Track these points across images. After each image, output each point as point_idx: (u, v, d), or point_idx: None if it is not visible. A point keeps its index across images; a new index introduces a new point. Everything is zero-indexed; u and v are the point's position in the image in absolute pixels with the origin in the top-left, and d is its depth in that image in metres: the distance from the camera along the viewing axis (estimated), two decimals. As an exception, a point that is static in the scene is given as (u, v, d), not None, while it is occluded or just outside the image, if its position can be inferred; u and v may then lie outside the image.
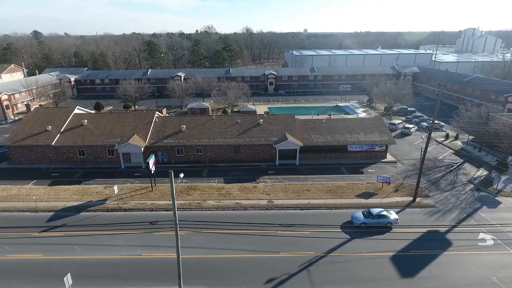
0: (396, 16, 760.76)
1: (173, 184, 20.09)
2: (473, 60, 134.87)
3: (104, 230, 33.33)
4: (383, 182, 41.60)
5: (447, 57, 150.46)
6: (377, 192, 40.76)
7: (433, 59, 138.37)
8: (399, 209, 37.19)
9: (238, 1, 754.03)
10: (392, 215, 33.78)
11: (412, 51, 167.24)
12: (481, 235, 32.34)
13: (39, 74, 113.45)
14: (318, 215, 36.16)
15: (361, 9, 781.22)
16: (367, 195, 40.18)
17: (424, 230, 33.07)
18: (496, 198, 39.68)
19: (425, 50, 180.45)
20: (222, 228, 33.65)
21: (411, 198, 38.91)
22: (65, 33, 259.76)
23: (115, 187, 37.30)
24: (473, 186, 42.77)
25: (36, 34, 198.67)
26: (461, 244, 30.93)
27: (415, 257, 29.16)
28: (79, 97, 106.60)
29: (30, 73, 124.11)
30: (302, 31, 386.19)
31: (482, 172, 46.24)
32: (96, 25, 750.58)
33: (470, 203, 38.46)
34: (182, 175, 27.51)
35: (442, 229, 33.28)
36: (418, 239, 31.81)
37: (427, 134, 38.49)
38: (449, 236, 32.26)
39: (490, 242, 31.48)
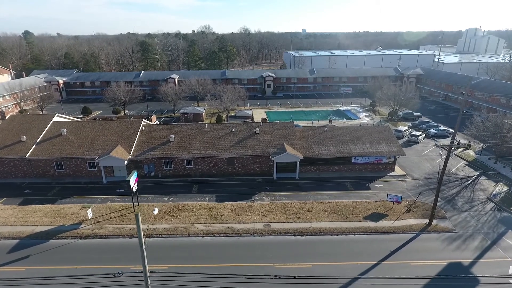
0: (395, 16, 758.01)
1: (141, 233, 15.50)
2: (477, 61, 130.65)
3: (73, 264, 28.68)
4: (393, 201, 37.08)
5: (449, 58, 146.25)
6: (387, 213, 36.24)
7: (436, 60, 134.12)
8: (414, 234, 32.70)
9: (238, 1, 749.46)
10: None
11: (414, 51, 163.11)
12: (512, 269, 27.89)
13: (27, 76, 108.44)
14: (321, 243, 31.62)
15: (360, 9, 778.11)
16: (376, 216, 35.65)
17: (443, 262, 28.63)
18: (521, 220, 35.26)
19: (426, 51, 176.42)
20: (211, 260, 29.14)
21: (427, 221, 34.40)
22: (58, 33, 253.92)
23: (89, 211, 32.64)
24: (493, 204, 38.32)
25: (26, 34, 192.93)
26: (490, 281, 26.43)
27: (437, 300, 24.70)
28: (68, 101, 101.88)
29: (18, 75, 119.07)
30: (301, 31, 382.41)
31: (501, 188, 41.80)
32: (95, 25, 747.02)
33: (493, 227, 33.99)
34: (156, 210, 22.93)
35: (465, 261, 28.81)
36: (439, 273, 27.31)
37: (442, 147, 34.13)
38: (475, 270, 27.74)
39: (523, 278, 27.03)
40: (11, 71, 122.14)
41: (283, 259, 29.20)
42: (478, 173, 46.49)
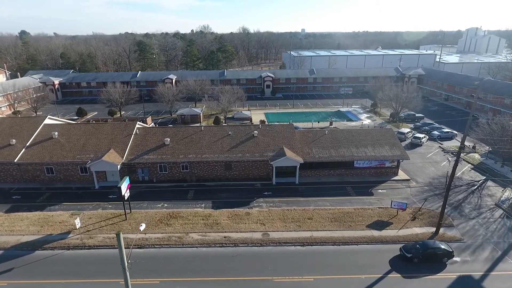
0: (394, 15, 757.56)
1: (124, 254, 13.80)
2: (478, 61, 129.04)
3: (59, 277, 26.97)
4: (398, 208, 35.37)
5: (451, 57, 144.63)
6: (392, 221, 34.55)
7: (437, 60, 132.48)
8: (420, 244, 30.97)
9: (237, 1, 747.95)
10: None
11: (415, 51, 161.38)
12: (525, 283, 26.23)
13: (22, 76, 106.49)
14: (323, 254, 29.93)
15: (360, 9, 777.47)
16: (380, 224, 33.95)
17: (453, 276, 26.95)
18: (532, 228, 33.60)
19: (426, 51, 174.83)
20: (205, 273, 27.45)
21: (433, 229, 32.72)
22: (55, 33, 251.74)
23: (77, 220, 30.87)
24: (502, 211, 36.63)
25: (22, 34, 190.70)
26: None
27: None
28: (63, 102, 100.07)
29: (13, 76, 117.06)
30: (300, 31, 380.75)
31: (510, 194, 40.11)
32: (95, 25, 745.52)
33: (503, 236, 32.32)
34: (143, 226, 21.24)
35: (476, 274, 27.13)
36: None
37: (451, 152, 32.56)
38: (487, 284, 26.07)
39: (538, 293, 25.38)
40: (6, 71, 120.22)
41: (283, 271, 27.55)
42: (484, 178, 44.84)
